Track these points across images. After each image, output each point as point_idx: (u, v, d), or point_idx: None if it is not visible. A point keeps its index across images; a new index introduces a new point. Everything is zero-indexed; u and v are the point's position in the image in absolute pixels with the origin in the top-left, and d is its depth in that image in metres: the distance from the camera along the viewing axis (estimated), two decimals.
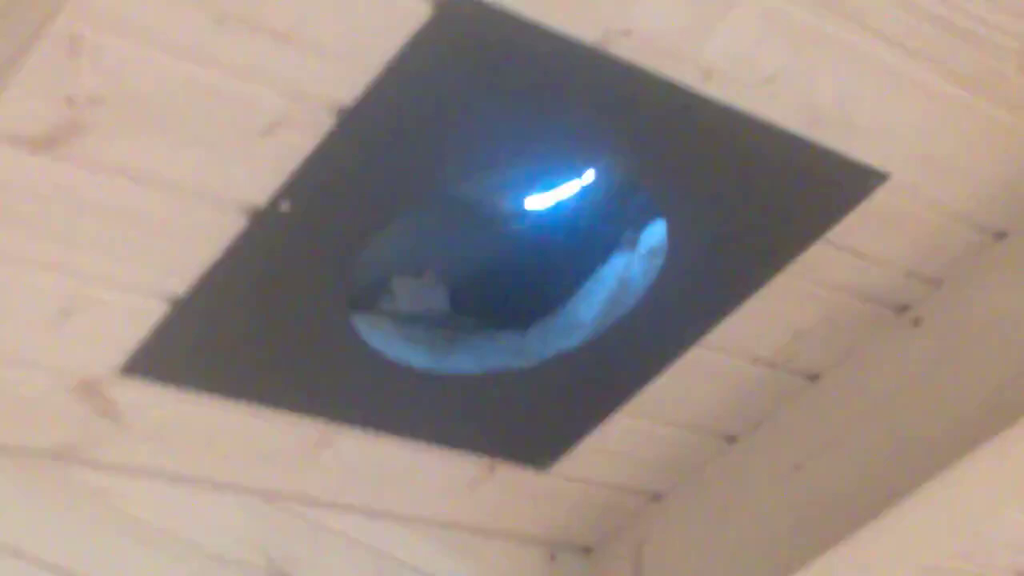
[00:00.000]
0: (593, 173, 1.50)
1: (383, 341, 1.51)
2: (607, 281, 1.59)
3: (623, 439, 1.68)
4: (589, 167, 1.45)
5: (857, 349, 1.62)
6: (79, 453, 1.47)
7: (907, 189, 1.44)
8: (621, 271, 1.57)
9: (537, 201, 1.54)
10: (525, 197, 1.54)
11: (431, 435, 1.60)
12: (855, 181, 1.41)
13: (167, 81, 1.13)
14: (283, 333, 1.41)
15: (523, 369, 1.57)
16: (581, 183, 1.52)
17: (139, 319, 1.34)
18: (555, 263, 1.59)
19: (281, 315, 1.39)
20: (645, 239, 1.55)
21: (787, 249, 1.49)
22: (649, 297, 1.53)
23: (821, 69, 1.30)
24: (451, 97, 1.21)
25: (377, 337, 1.50)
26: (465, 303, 1.58)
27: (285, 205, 1.26)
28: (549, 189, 1.53)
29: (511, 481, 1.69)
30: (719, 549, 1.71)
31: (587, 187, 1.53)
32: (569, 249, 1.58)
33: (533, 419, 1.64)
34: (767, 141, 1.34)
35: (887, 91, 1.33)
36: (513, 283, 1.60)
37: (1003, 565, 1.89)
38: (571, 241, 1.57)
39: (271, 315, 1.39)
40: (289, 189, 1.25)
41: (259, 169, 1.22)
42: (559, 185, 1.53)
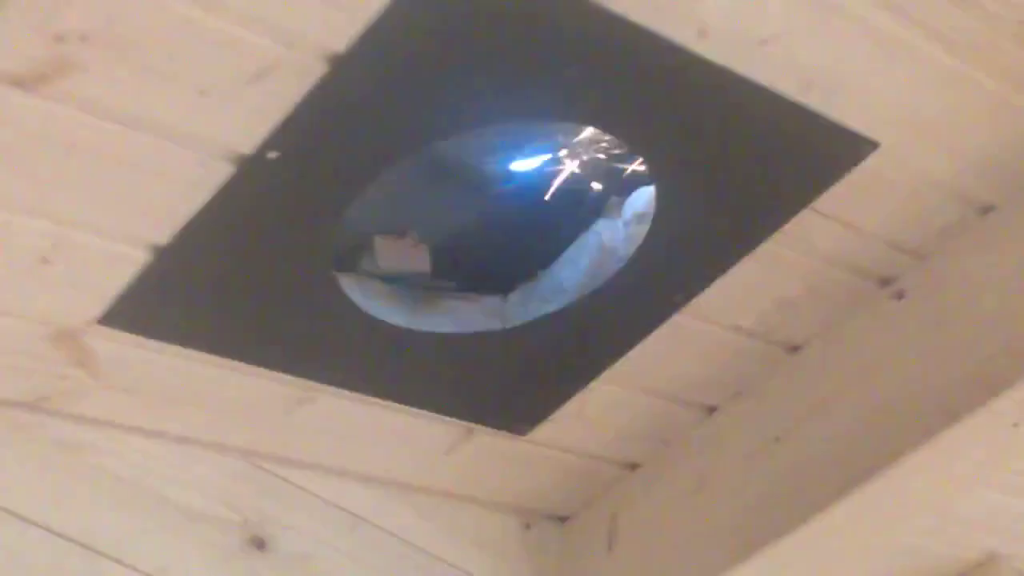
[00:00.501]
0: (581, 138, 1.49)
1: (363, 300, 1.49)
2: (590, 247, 1.58)
3: (601, 407, 1.67)
4: (580, 123, 1.43)
5: (839, 321, 1.62)
6: (54, 405, 1.45)
7: (896, 158, 1.44)
8: (605, 237, 1.56)
9: (521, 165, 1.53)
10: (510, 161, 1.52)
11: (410, 397, 1.59)
12: (846, 149, 1.41)
13: (159, 20, 1.11)
14: (266, 287, 1.39)
15: (503, 332, 1.56)
16: (567, 148, 1.51)
17: (119, 268, 1.32)
18: (538, 228, 1.58)
19: (264, 268, 1.37)
20: (630, 205, 1.54)
21: (775, 216, 1.48)
22: (632, 263, 1.51)
23: (816, 32, 1.28)
24: (444, 47, 1.20)
25: (357, 296, 1.48)
26: (447, 266, 1.56)
27: (273, 153, 1.24)
28: (535, 153, 1.52)
29: (488, 447, 1.68)
30: (694, 520, 1.71)
31: (572, 152, 1.51)
32: (553, 214, 1.57)
33: (512, 384, 1.63)
34: (759, 104, 1.33)
35: (881, 58, 1.32)
36: (496, 247, 1.59)
37: (973, 545, 1.90)
38: (556, 206, 1.56)
39: (254, 268, 1.37)
40: (277, 137, 1.23)
41: (248, 116, 1.20)
42: (544, 149, 1.52)
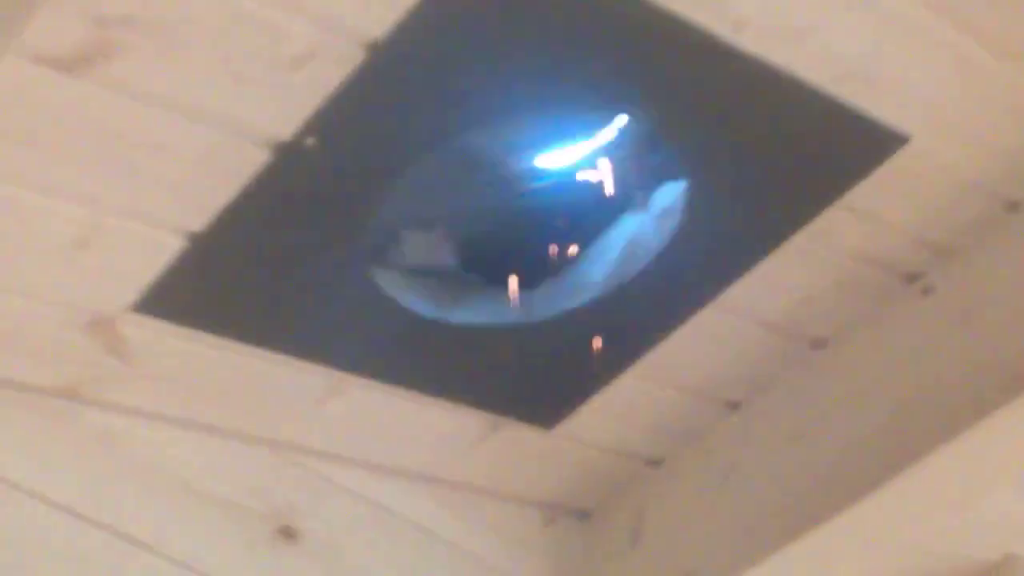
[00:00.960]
0: (611, 131, 1.49)
1: (395, 291, 1.50)
2: (618, 242, 1.58)
3: (627, 402, 1.68)
4: (611, 116, 1.44)
5: (866, 317, 1.62)
6: (87, 392, 1.46)
7: (925, 153, 1.44)
8: (632, 232, 1.57)
9: (551, 159, 1.54)
10: (541, 154, 1.53)
11: (439, 388, 1.59)
12: (877, 142, 1.41)
13: (199, 5, 1.11)
14: (300, 275, 1.40)
15: (530, 326, 1.56)
16: (597, 141, 1.51)
17: (155, 254, 1.33)
18: (568, 223, 1.58)
19: (299, 258, 1.38)
20: (658, 200, 1.55)
21: (804, 211, 1.48)
22: (661, 258, 1.52)
23: (850, 23, 1.29)
24: (483, 36, 1.21)
25: (388, 288, 1.49)
26: (475, 261, 1.57)
27: (310, 140, 1.24)
28: (564, 146, 1.52)
29: (514, 440, 1.69)
30: (719, 516, 1.71)
31: (603, 146, 1.52)
32: (582, 209, 1.57)
33: (539, 377, 1.63)
34: (791, 96, 1.33)
35: (913, 49, 1.33)
36: (524, 242, 1.59)
37: (993, 545, 1.90)
38: (585, 201, 1.56)
39: (289, 257, 1.38)
40: (315, 124, 1.23)
41: (286, 102, 1.21)
42: (574, 142, 1.52)
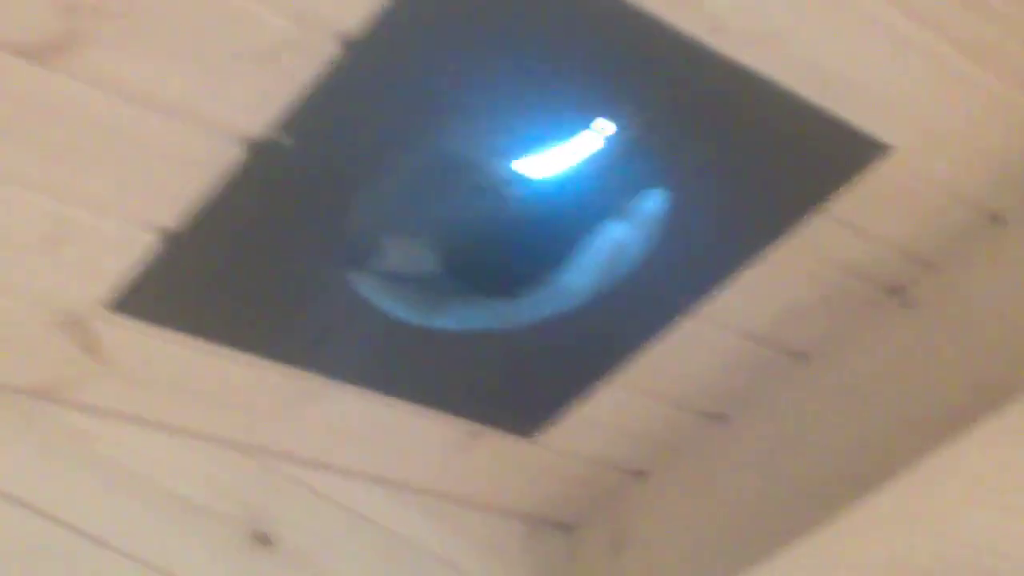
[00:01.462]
0: (593, 137, 1.49)
1: (373, 296, 1.49)
2: (601, 249, 1.57)
3: (609, 411, 1.67)
4: (592, 121, 1.43)
5: (849, 329, 1.61)
6: (61, 392, 1.45)
7: (909, 164, 1.43)
8: (615, 239, 1.56)
9: (534, 166, 1.53)
10: (522, 160, 1.52)
11: (418, 395, 1.58)
12: (858, 151, 1.40)
13: None
14: (277, 277, 1.39)
15: (512, 332, 1.55)
16: (579, 147, 1.50)
17: (129, 251, 1.32)
18: (549, 230, 1.57)
19: (276, 259, 1.37)
20: (641, 207, 1.54)
21: (785, 219, 1.47)
22: (643, 265, 1.51)
23: (831, 29, 1.28)
24: (461, 34, 1.20)
25: (367, 291, 1.48)
26: (457, 267, 1.56)
27: (285, 138, 1.24)
28: (545, 152, 1.51)
29: (495, 450, 1.68)
30: (701, 529, 1.70)
31: (585, 152, 1.51)
32: (565, 216, 1.56)
33: (520, 384, 1.62)
34: (773, 102, 1.33)
35: (895, 58, 1.32)
36: (506, 249, 1.58)
37: (970, 564, 1.88)
38: (567, 208, 1.56)
39: (266, 258, 1.37)
40: (291, 122, 1.23)
41: (258, 96, 1.20)
42: (557, 147, 1.51)
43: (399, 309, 1.52)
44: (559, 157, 1.50)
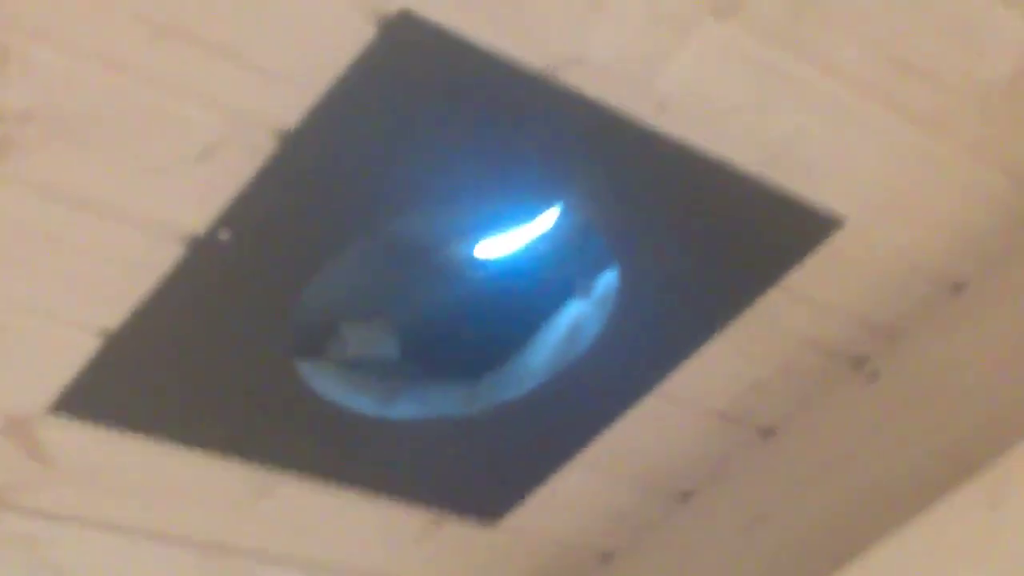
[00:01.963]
0: (548, 218, 1.47)
1: (327, 386, 1.46)
2: (559, 329, 1.55)
3: (573, 494, 1.64)
4: (540, 206, 1.41)
5: (813, 402, 1.59)
6: (5, 497, 1.41)
7: (864, 235, 1.42)
8: (573, 318, 1.54)
9: (490, 248, 1.51)
10: (478, 243, 1.50)
11: (376, 484, 1.55)
12: (811, 226, 1.38)
13: (100, 97, 1.09)
14: (223, 372, 1.36)
15: (470, 417, 1.52)
16: (536, 229, 1.48)
17: (69, 354, 1.29)
18: (509, 311, 1.55)
19: (221, 353, 1.34)
20: (599, 285, 1.52)
21: (741, 296, 1.45)
22: (599, 345, 1.49)
23: (778, 106, 1.27)
24: (398, 123, 1.18)
25: (321, 382, 1.45)
26: (415, 351, 1.53)
27: (225, 234, 1.21)
28: (502, 233, 1.50)
29: (457, 536, 1.64)
30: None
31: (540, 233, 1.49)
32: (523, 297, 1.54)
33: (481, 470, 1.59)
34: (722, 181, 1.31)
35: (845, 131, 1.31)
36: (465, 331, 1.56)
37: None
38: (525, 289, 1.53)
39: (210, 353, 1.34)
40: (229, 217, 1.20)
41: (197, 194, 1.18)
42: (512, 229, 1.49)
43: (357, 398, 1.49)
44: (515, 239, 1.49)
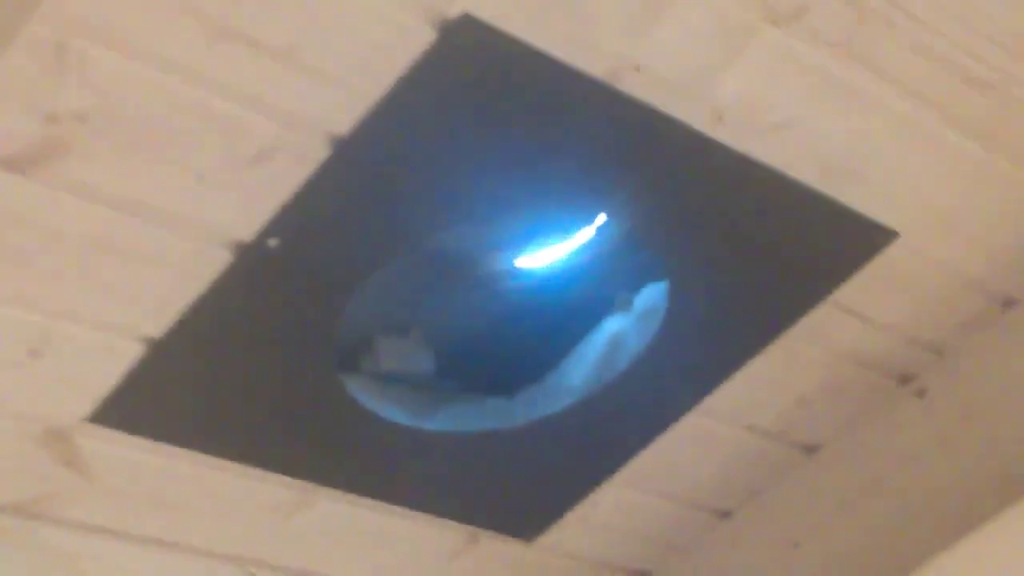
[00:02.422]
0: (591, 231, 1.45)
1: (366, 399, 1.44)
2: (599, 344, 1.53)
3: (611, 512, 1.61)
4: (591, 214, 1.39)
5: (858, 420, 1.57)
6: (43, 509, 1.39)
7: (915, 249, 1.40)
8: (614, 334, 1.51)
9: (530, 260, 1.48)
10: (517, 256, 1.48)
11: (413, 500, 1.52)
12: (864, 238, 1.36)
13: (156, 99, 1.06)
14: (265, 382, 1.34)
15: (508, 433, 1.50)
16: (578, 241, 1.46)
17: (112, 362, 1.26)
18: (547, 325, 1.53)
19: (264, 363, 1.32)
20: (640, 300, 1.50)
21: (791, 310, 1.43)
22: (643, 361, 1.46)
23: (834, 116, 1.25)
24: (453, 129, 1.16)
25: (360, 394, 1.43)
26: (451, 365, 1.51)
27: (274, 241, 1.19)
28: (542, 247, 1.47)
29: (494, 554, 1.62)
30: None
31: (583, 246, 1.47)
32: (562, 311, 1.52)
33: (519, 487, 1.57)
34: (776, 191, 1.29)
35: (900, 142, 1.29)
36: (502, 345, 1.54)
37: None
38: (565, 303, 1.51)
39: (252, 363, 1.32)
40: (278, 224, 1.18)
41: (247, 200, 1.16)
42: (554, 242, 1.47)
43: (394, 412, 1.46)
44: (557, 251, 1.46)
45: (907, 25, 1.20)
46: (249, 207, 1.16)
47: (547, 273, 1.48)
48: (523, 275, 1.48)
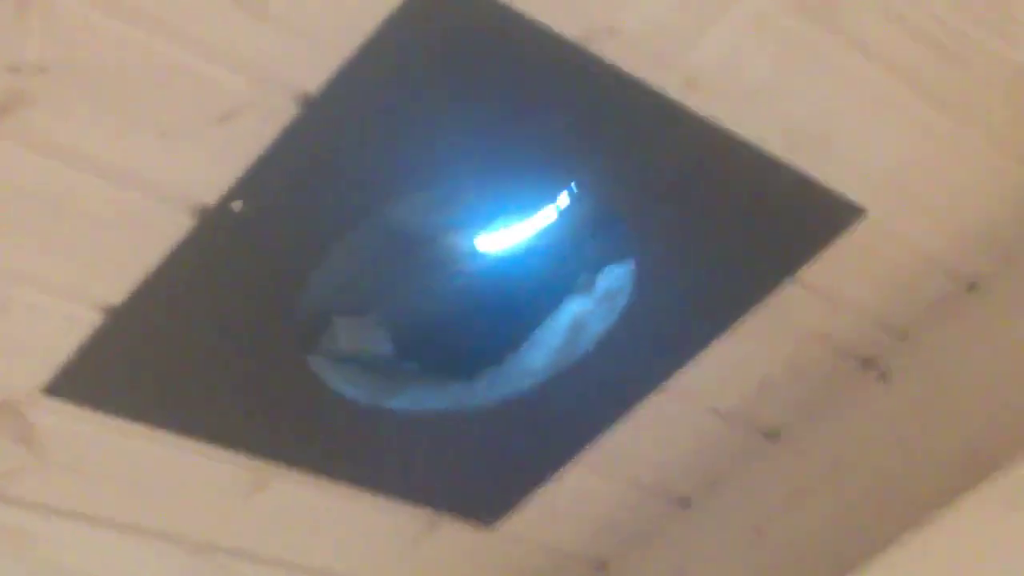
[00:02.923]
0: (554, 210, 1.43)
1: (325, 376, 1.41)
2: (560, 326, 1.51)
3: (572, 497, 1.59)
4: (555, 190, 1.37)
5: (821, 404, 1.55)
6: None
7: (883, 227, 1.38)
8: (576, 315, 1.50)
9: (490, 241, 1.46)
10: (477, 236, 1.46)
11: (372, 481, 1.50)
12: (833, 214, 1.35)
13: (120, 51, 1.03)
14: (224, 356, 1.31)
15: (468, 415, 1.48)
16: (540, 221, 1.44)
17: (68, 330, 1.23)
18: (508, 307, 1.51)
19: (224, 336, 1.29)
20: (602, 281, 1.48)
21: (757, 288, 1.42)
22: (606, 342, 1.45)
23: (806, 85, 1.24)
24: (423, 89, 1.14)
25: (319, 371, 1.40)
26: (412, 347, 1.49)
27: (238, 205, 1.16)
28: (504, 226, 1.45)
29: (453, 540, 1.59)
30: None
31: (546, 226, 1.45)
32: (524, 292, 1.50)
33: (478, 470, 1.54)
34: (745, 162, 1.28)
35: (871, 115, 1.28)
36: (463, 327, 1.52)
37: None
38: (526, 284, 1.49)
39: (213, 335, 1.29)
40: (243, 187, 1.15)
41: (211, 161, 1.13)
42: (515, 222, 1.45)
43: (353, 390, 1.44)
44: (519, 231, 1.44)
45: None
46: (213, 168, 1.14)
47: (508, 254, 1.46)
48: (483, 256, 1.46)
